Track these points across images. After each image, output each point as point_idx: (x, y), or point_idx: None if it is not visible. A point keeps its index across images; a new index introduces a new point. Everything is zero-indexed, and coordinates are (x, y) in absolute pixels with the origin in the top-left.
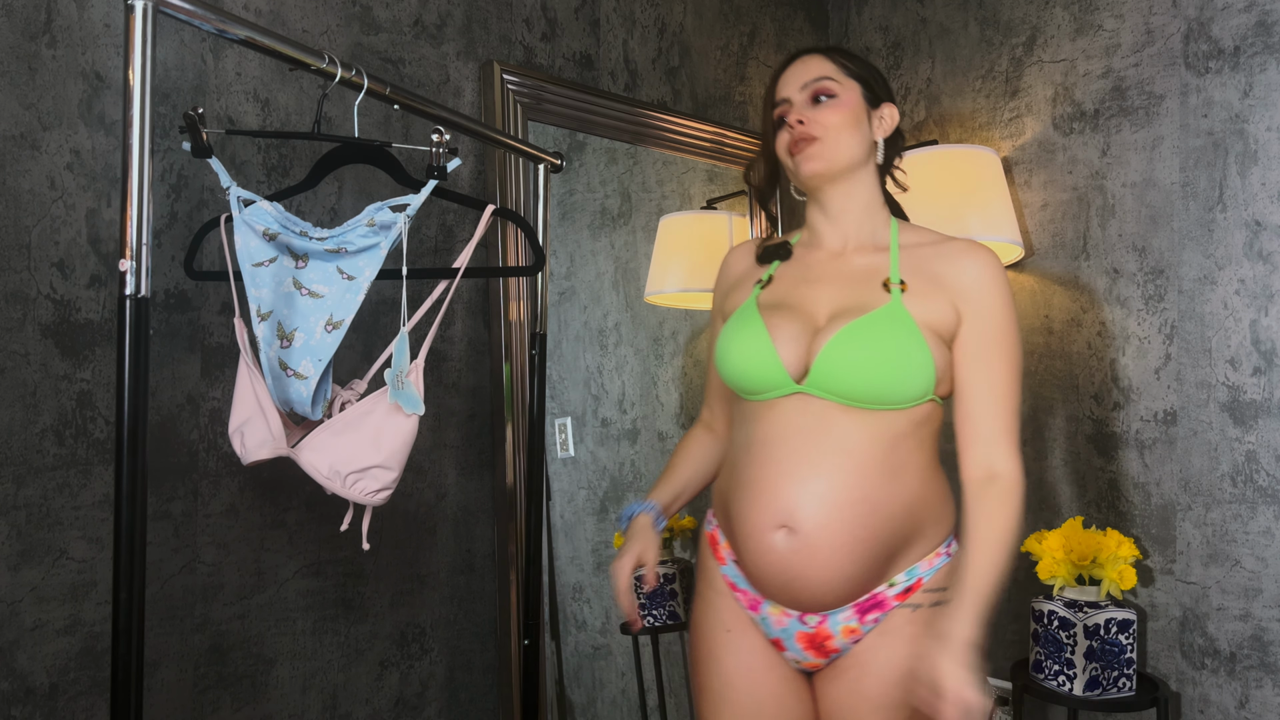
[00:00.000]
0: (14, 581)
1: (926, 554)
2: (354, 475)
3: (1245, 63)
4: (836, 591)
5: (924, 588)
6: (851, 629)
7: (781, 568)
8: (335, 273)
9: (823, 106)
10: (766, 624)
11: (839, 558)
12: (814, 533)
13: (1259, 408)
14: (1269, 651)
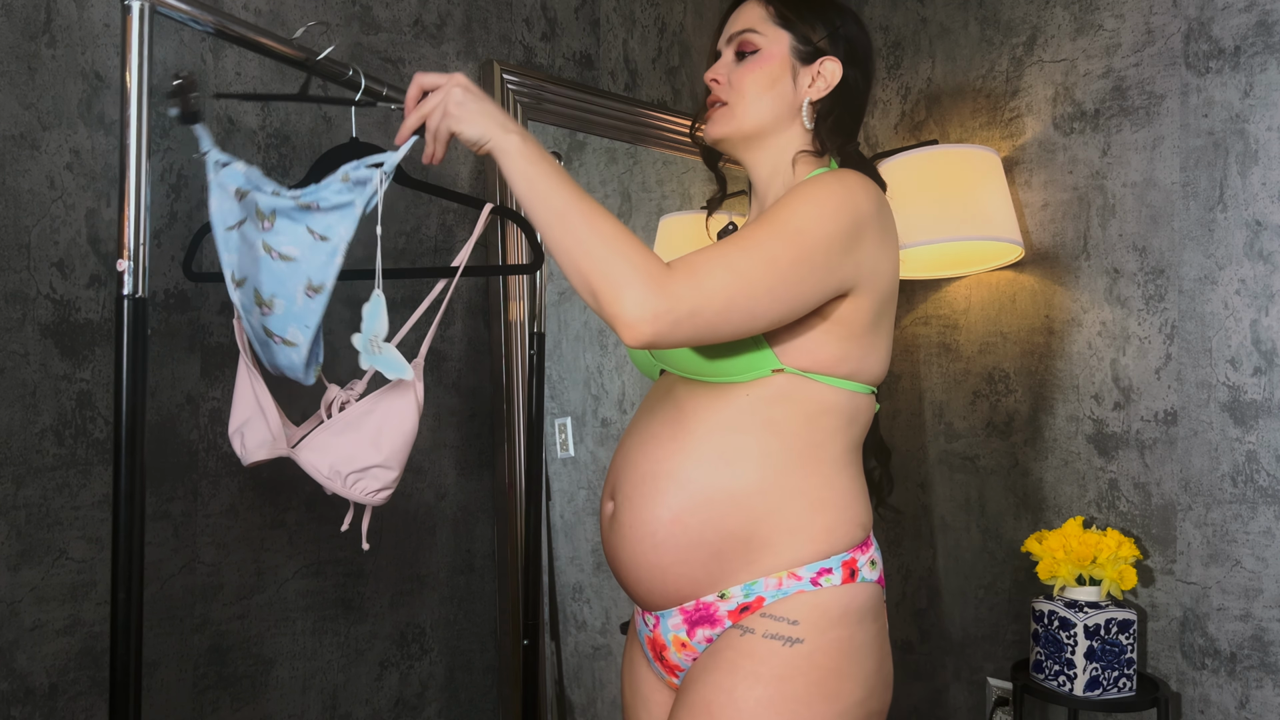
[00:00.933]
0: (13, 581)
1: (777, 570)
2: (354, 475)
3: (1246, 62)
4: (663, 591)
5: (763, 611)
6: (683, 642)
7: (610, 549)
8: (305, 233)
9: (741, 64)
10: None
11: (643, 536)
12: (624, 503)
13: (1259, 408)
14: (1269, 652)
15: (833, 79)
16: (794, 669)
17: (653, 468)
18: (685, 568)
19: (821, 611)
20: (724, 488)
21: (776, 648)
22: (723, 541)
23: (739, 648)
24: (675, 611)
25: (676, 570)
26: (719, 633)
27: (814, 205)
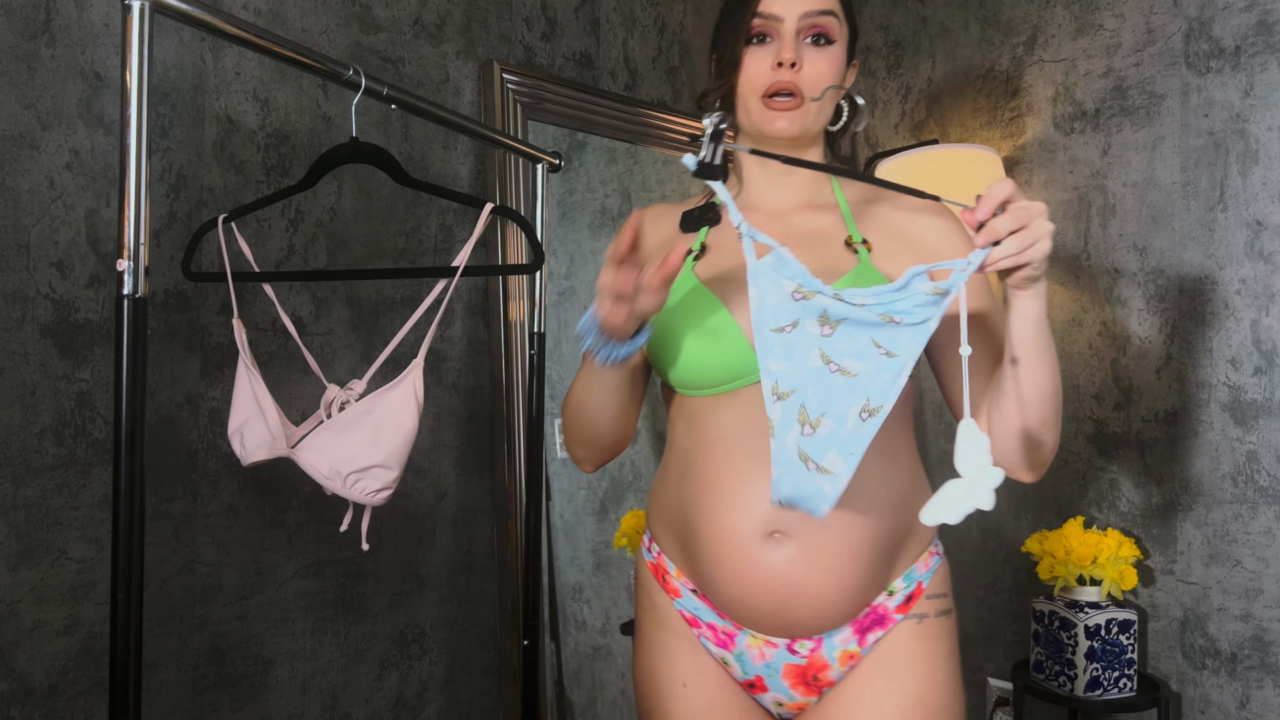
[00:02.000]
0: (13, 582)
1: (920, 553)
2: (354, 475)
3: (1246, 62)
4: (844, 608)
5: (926, 594)
6: (851, 654)
7: (775, 585)
8: (870, 346)
9: (819, 51)
10: (743, 662)
11: (844, 564)
12: (813, 537)
13: (1260, 408)
14: (1270, 652)
15: (849, 82)
16: (954, 635)
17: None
18: (874, 578)
19: (948, 577)
20: (897, 488)
21: (944, 623)
22: (895, 542)
23: (923, 635)
24: (845, 627)
25: (871, 584)
26: (888, 630)
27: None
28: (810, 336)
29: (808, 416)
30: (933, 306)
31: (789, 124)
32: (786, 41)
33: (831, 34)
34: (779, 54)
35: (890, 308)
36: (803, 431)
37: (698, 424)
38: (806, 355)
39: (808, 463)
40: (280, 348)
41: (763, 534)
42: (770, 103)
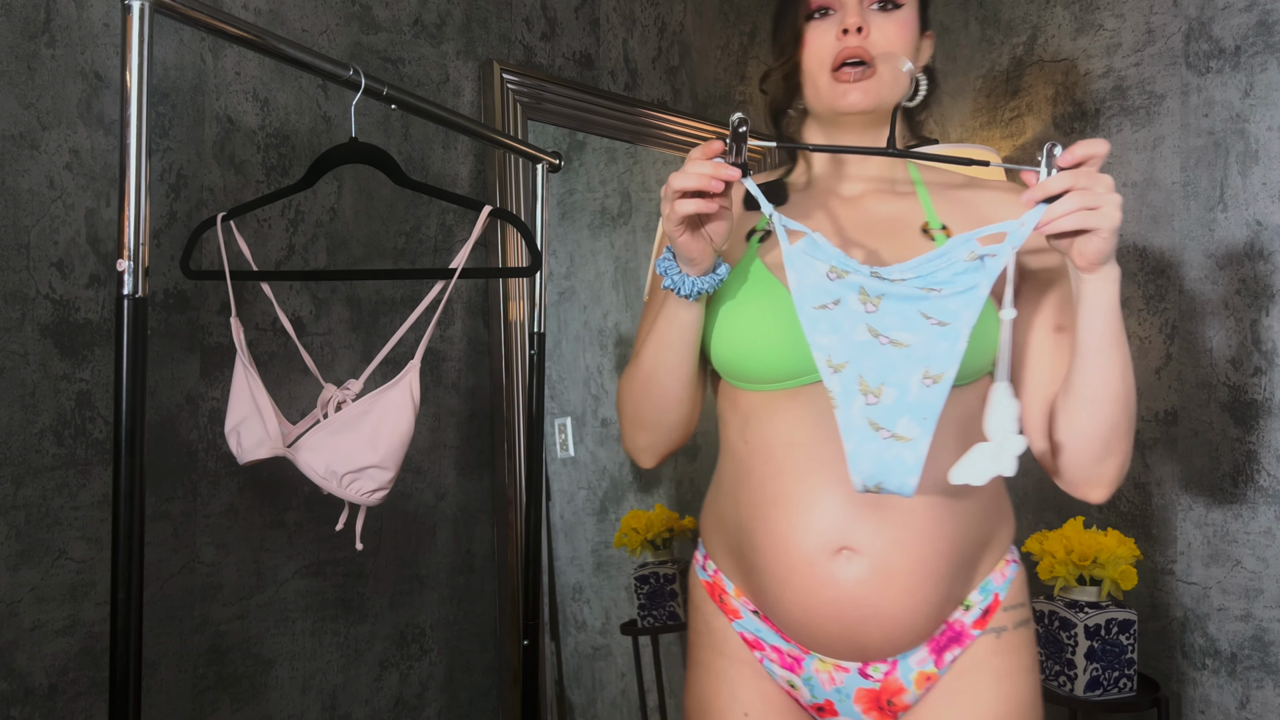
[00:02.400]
0: (13, 582)
1: (998, 561)
2: (350, 475)
3: (1246, 62)
4: (919, 629)
5: (1003, 606)
6: (928, 675)
7: (845, 605)
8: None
9: (887, 16)
10: (812, 686)
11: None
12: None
13: (1260, 408)
14: (1270, 652)
15: (926, 56)
16: (1033, 645)
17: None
18: (950, 594)
19: (1025, 585)
20: (976, 496)
21: (1024, 634)
22: (977, 553)
23: (1002, 649)
24: (921, 648)
25: (949, 601)
26: (964, 649)
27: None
28: (854, 312)
29: (868, 386)
30: (976, 273)
31: (863, 96)
32: (850, 8)
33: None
34: (843, 22)
35: (930, 279)
36: (866, 401)
37: (753, 425)
38: (853, 329)
39: (879, 430)
40: (280, 347)
41: (830, 550)
42: (840, 75)
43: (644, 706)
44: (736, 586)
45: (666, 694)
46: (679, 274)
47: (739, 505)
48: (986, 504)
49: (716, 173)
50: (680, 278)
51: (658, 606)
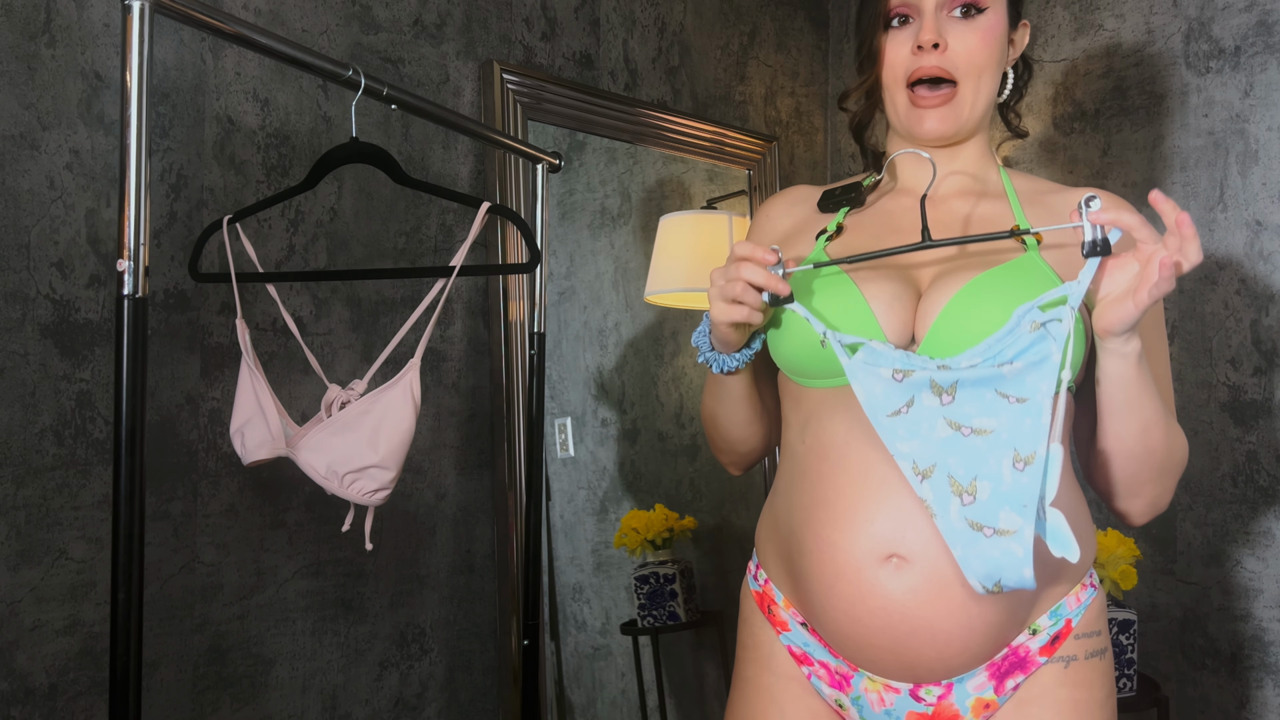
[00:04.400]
0: (13, 582)
1: (1073, 586)
2: (351, 475)
3: (1246, 62)
4: (973, 648)
5: (1075, 633)
6: (986, 702)
7: (893, 616)
8: (997, 399)
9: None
10: (861, 707)
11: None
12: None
13: (1260, 408)
14: (1270, 652)
15: (1023, 44)
16: (1110, 680)
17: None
18: (1014, 614)
19: (1103, 611)
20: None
21: (1097, 666)
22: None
23: (1071, 681)
24: (979, 671)
25: (1009, 620)
26: (1028, 676)
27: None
28: (930, 410)
29: (960, 486)
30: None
31: (939, 123)
32: (927, 19)
33: (982, 1)
34: (919, 36)
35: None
36: (963, 502)
37: (812, 425)
38: (933, 428)
39: (982, 529)
40: (280, 348)
41: (880, 556)
42: (916, 98)
43: (644, 706)
44: (786, 597)
45: (666, 694)
46: (712, 351)
47: (791, 509)
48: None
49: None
50: (714, 355)
51: (658, 606)
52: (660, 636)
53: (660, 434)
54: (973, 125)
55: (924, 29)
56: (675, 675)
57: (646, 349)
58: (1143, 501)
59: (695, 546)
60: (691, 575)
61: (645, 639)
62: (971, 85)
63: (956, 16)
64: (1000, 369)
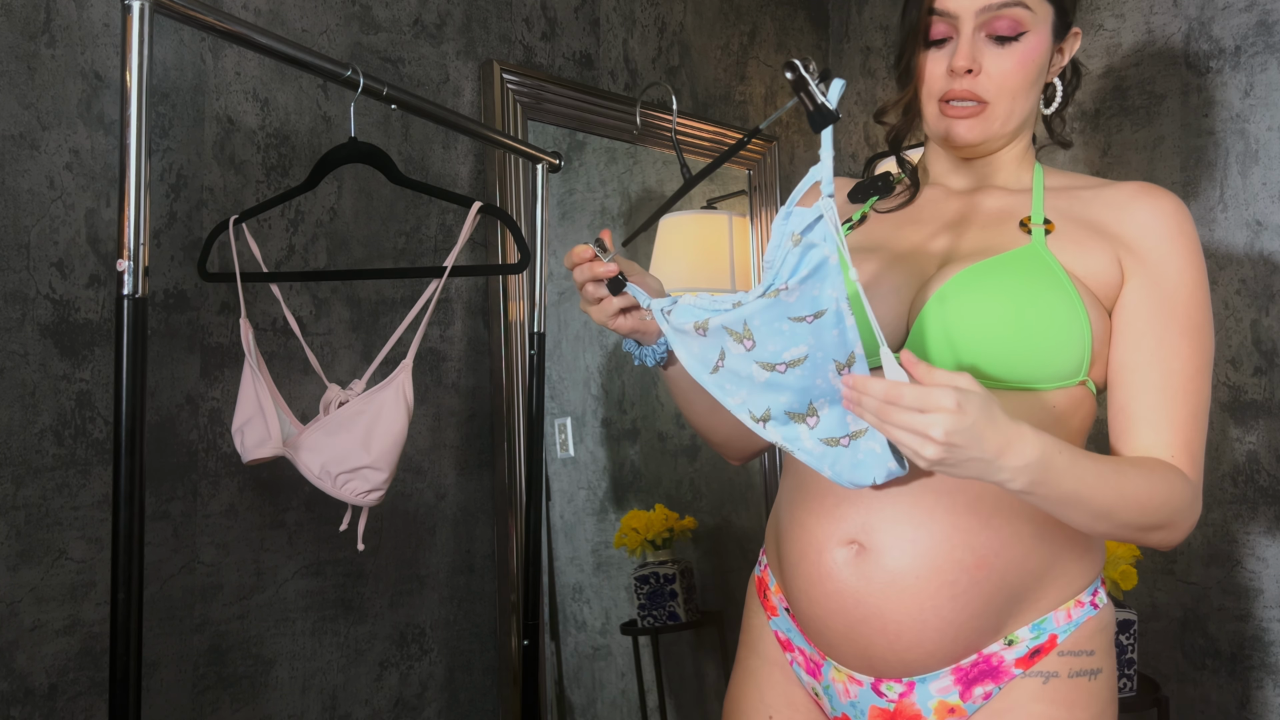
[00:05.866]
0: (13, 582)
1: (1064, 601)
2: (344, 475)
3: (1246, 62)
4: (927, 645)
5: (1060, 649)
6: (951, 707)
7: (848, 603)
8: (794, 325)
9: (1005, 50)
10: (831, 696)
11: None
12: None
13: (1260, 408)
14: (1270, 652)
15: (1072, 51)
16: (1103, 701)
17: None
18: (981, 619)
19: (1105, 633)
20: (1029, 519)
21: (1084, 685)
22: (1021, 583)
23: (1049, 699)
24: (945, 673)
25: (972, 624)
26: (1003, 686)
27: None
28: (740, 358)
29: (800, 415)
30: (811, 249)
31: (968, 130)
32: (963, 44)
33: (1021, 25)
34: (953, 58)
35: (774, 285)
36: (810, 426)
37: None
38: (751, 375)
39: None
40: (280, 347)
41: (842, 541)
42: (947, 108)
43: (644, 706)
44: (778, 582)
45: (666, 694)
46: (637, 348)
47: (781, 493)
48: (1046, 529)
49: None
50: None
51: (658, 606)
52: (660, 636)
53: (660, 434)
54: (1005, 137)
55: (959, 54)
56: (675, 675)
57: None
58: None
59: (695, 546)
60: (691, 575)
61: (645, 639)
62: (1005, 105)
63: (993, 42)
64: (779, 296)
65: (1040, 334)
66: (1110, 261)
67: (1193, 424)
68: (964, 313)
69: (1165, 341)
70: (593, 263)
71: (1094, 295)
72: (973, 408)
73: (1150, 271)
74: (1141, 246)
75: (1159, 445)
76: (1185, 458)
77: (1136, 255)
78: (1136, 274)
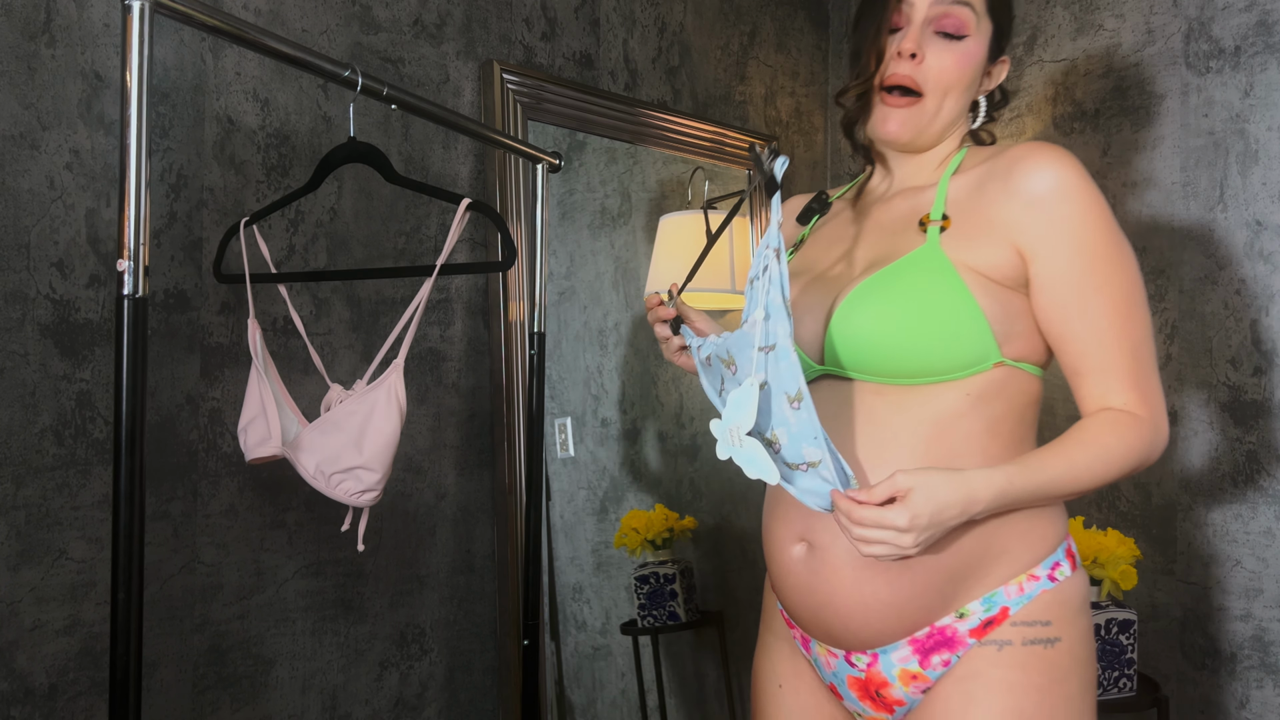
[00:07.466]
0: (13, 582)
1: (1014, 576)
2: (338, 475)
3: (1246, 62)
4: (875, 624)
5: (1012, 620)
6: (913, 674)
7: (805, 594)
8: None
9: (946, 46)
10: (818, 666)
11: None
12: (834, 549)
13: (1260, 408)
14: (1269, 652)
15: (1000, 77)
16: (1062, 669)
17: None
18: (922, 599)
19: (1066, 605)
20: None
21: (1040, 652)
22: (961, 562)
23: (1005, 663)
24: (903, 644)
25: (910, 604)
26: (960, 654)
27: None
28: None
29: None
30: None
31: (899, 126)
32: (913, 31)
33: (964, 28)
34: (900, 42)
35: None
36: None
37: None
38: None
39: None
40: (280, 347)
41: (794, 538)
42: (887, 97)
43: (644, 706)
44: None
45: (666, 694)
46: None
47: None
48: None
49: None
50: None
51: (658, 606)
52: (660, 636)
53: (660, 434)
54: (932, 136)
55: (907, 38)
56: (675, 675)
57: (646, 349)
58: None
59: (695, 546)
60: (691, 575)
61: (645, 639)
62: (936, 100)
63: (939, 37)
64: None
65: (935, 331)
66: (1003, 247)
67: (1134, 362)
68: (862, 325)
69: (1085, 301)
70: (658, 308)
71: (992, 281)
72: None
73: (1046, 248)
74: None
75: (1110, 394)
76: (1135, 396)
77: (1027, 236)
78: (1035, 254)
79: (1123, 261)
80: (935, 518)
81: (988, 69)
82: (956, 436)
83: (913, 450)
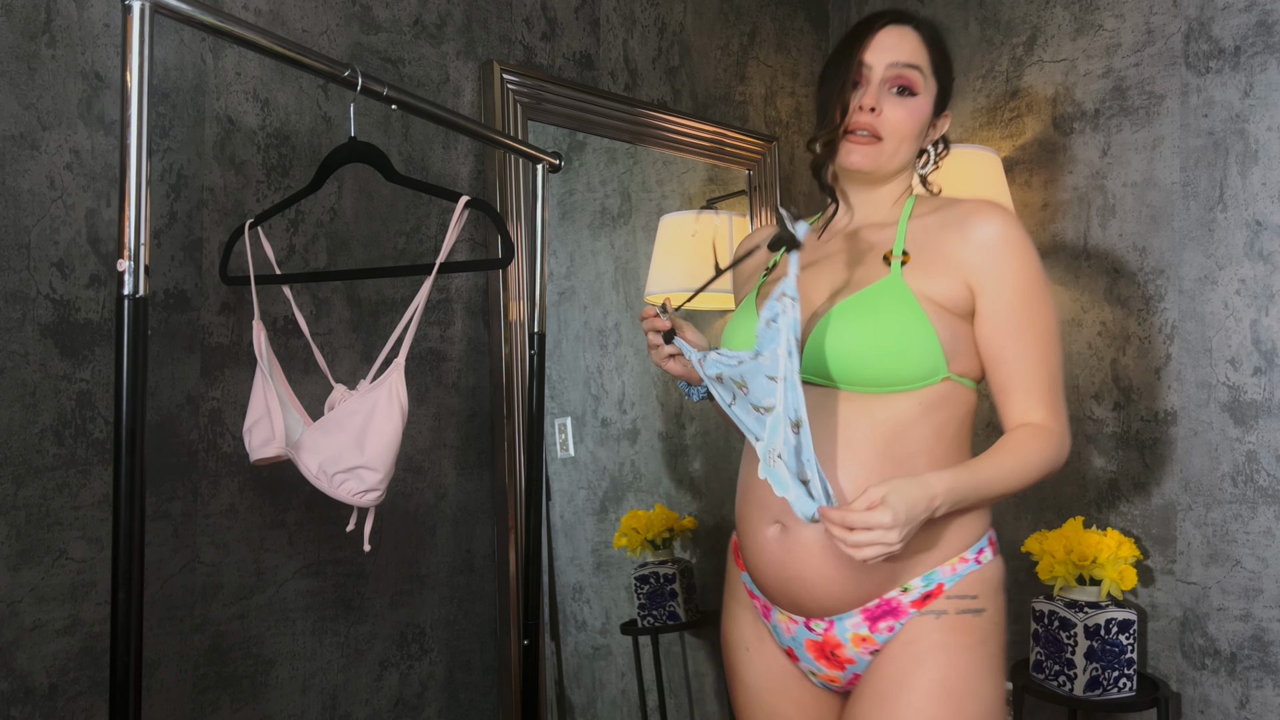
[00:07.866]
0: (13, 581)
1: (949, 558)
2: (341, 475)
3: (1246, 62)
4: (836, 595)
5: (947, 594)
6: (863, 637)
7: (777, 568)
8: (768, 382)
9: (900, 101)
10: (777, 632)
11: (828, 558)
12: (805, 531)
13: (1259, 408)
14: (1269, 652)
15: (942, 130)
16: (987, 633)
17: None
18: (875, 576)
19: (988, 583)
20: None
21: (970, 619)
22: (908, 547)
23: (943, 628)
24: (856, 612)
25: (867, 580)
26: (902, 621)
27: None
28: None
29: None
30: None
31: (862, 158)
32: (872, 89)
33: (914, 87)
34: (862, 98)
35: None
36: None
37: None
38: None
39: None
40: (280, 347)
41: (769, 521)
42: (851, 137)
43: (644, 706)
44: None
45: (666, 694)
46: (688, 387)
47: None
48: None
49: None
50: (689, 389)
51: (658, 606)
52: (660, 636)
53: (660, 434)
54: (890, 171)
55: (868, 95)
56: (675, 675)
57: (646, 349)
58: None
59: (695, 546)
60: (691, 575)
61: (645, 639)
62: (893, 144)
63: (894, 93)
64: (759, 360)
65: (896, 349)
66: (956, 282)
67: (1049, 386)
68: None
69: (1016, 334)
70: (654, 319)
71: (945, 309)
72: (898, 503)
73: (992, 285)
74: (980, 268)
75: (1029, 410)
76: (1048, 413)
77: (977, 275)
78: (983, 290)
79: (1049, 303)
80: (910, 513)
81: (933, 122)
82: (912, 437)
83: (875, 447)
